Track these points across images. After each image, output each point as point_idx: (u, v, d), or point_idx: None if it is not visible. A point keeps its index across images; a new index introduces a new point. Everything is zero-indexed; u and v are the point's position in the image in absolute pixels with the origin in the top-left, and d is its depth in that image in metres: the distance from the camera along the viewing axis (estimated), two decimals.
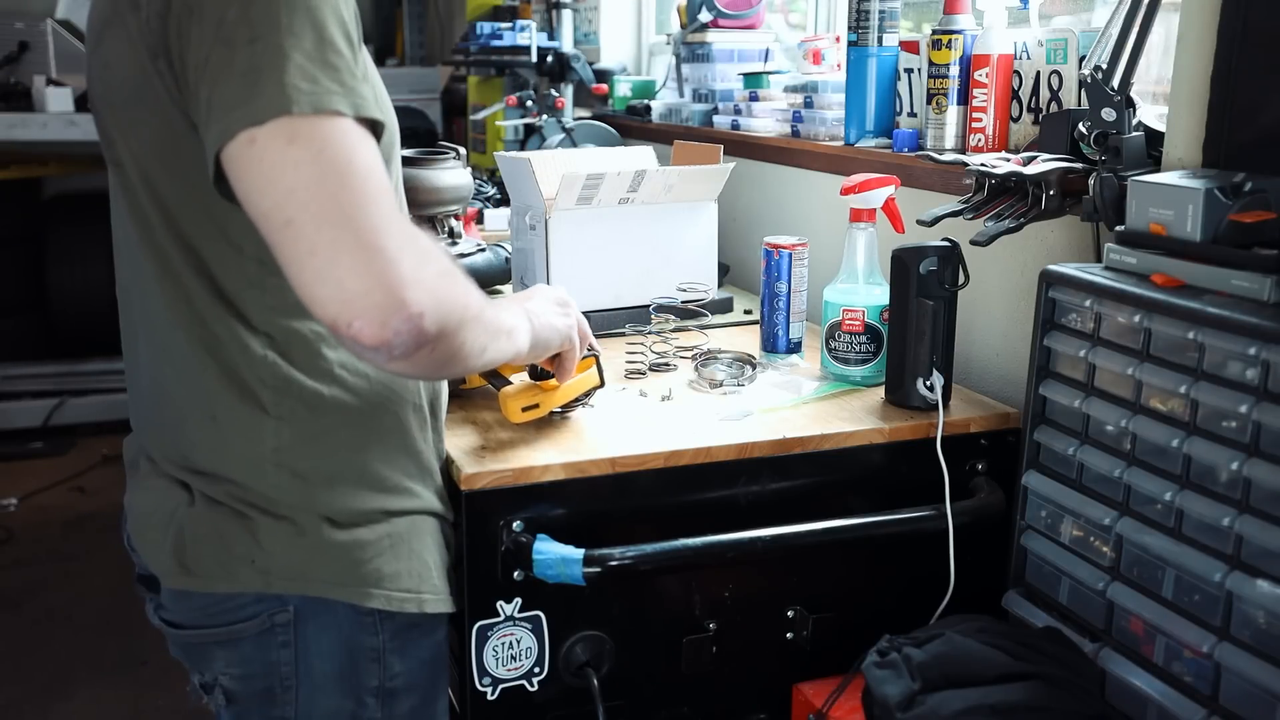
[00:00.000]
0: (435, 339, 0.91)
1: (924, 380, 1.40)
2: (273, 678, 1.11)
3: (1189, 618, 1.10)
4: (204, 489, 1.09)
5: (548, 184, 1.74)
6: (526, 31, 2.81)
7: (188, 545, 1.09)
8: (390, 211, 0.91)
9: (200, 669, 1.14)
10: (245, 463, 1.07)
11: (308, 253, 0.88)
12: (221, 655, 1.11)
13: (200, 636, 1.12)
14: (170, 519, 1.10)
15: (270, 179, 0.90)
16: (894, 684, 1.14)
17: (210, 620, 1.10)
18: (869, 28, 1.73)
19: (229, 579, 1.08)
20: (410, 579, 1.12)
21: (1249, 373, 1.03)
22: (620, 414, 1.42)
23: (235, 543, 1.07)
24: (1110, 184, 1.26)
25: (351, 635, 1.11)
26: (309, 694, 1.12)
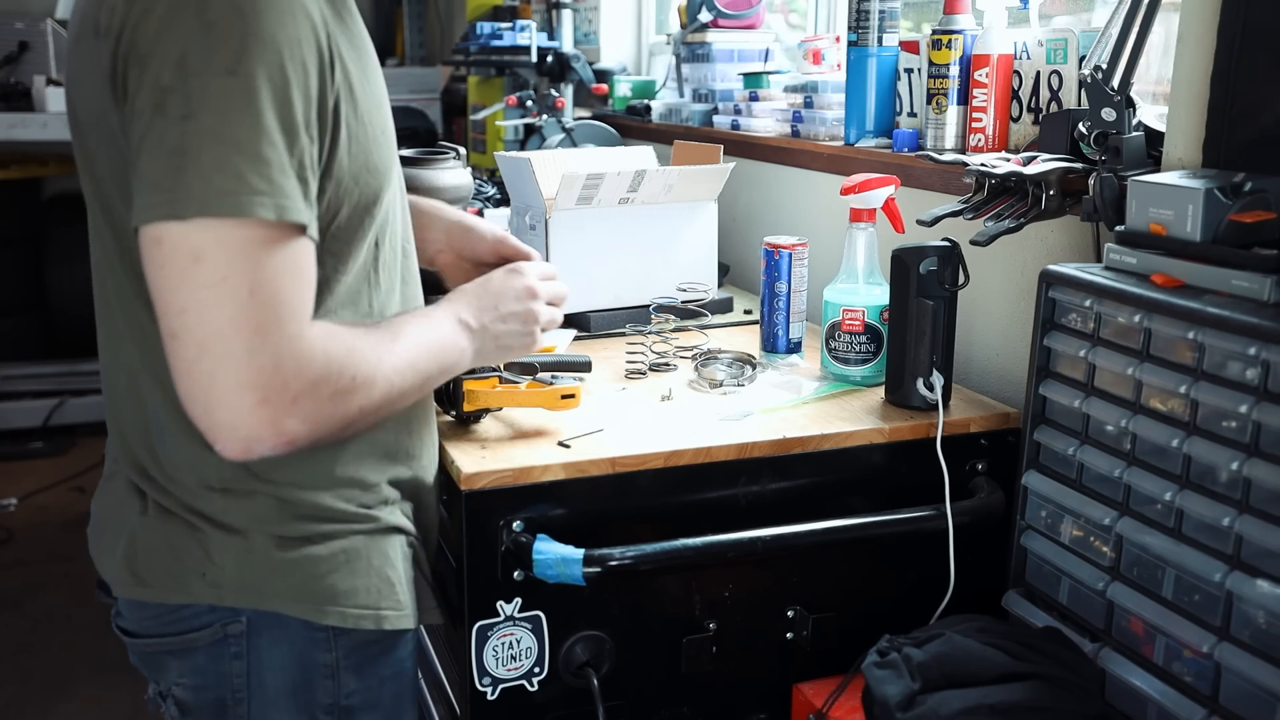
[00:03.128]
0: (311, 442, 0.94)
1: (924, 380, 1.40)
2: (225, 689, 1.09)
3: (1189, 618, 1.10)
4: (159, 499, 1.07)
5: (548, 184, 1.74)
6: (526, 31, 2.81)
7: (139, 555, 1.07)
8: (286, 340, 0.90)
9: (155, 678, 1.13)
10: (199, 478, 1.05)
11: (185, 373, 0.90)
12: (175, 665, 1.09)
13: (154, 645, 1.10)
14: (123, 526, 1.09)
15: (166, 289, 0.89)
16: (894, 684, 1.14)
17: (163, 629, 1.08)
18: (869, 28, 1.73)
19: (181, 590, 1.06)
20: (368, 595, 1.10)
21: (1249, 373, 1.03)
22: (620, 414, 1.42)
23: (186, 555, 1.06)
24: (1110, 184, 1.26)
25: (304, 650, 1.08)
26: (260, 708, 1.09)
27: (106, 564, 1.12)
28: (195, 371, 0.89)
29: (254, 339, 0.89)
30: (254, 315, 0.89)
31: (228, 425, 0.90)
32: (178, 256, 0.88)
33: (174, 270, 0.88)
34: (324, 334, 0.95)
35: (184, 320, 0.89)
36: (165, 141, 0.88)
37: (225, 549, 1.05)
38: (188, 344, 0.89)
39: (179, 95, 0.88)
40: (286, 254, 0.91)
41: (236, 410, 0.89)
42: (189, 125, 0.88)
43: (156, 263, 0.89)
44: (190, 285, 0.88)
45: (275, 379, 0.90)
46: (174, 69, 0.88)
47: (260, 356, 0.89)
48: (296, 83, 0.91)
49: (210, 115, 0.88)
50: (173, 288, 0.88)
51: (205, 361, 0.89)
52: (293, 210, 0.91)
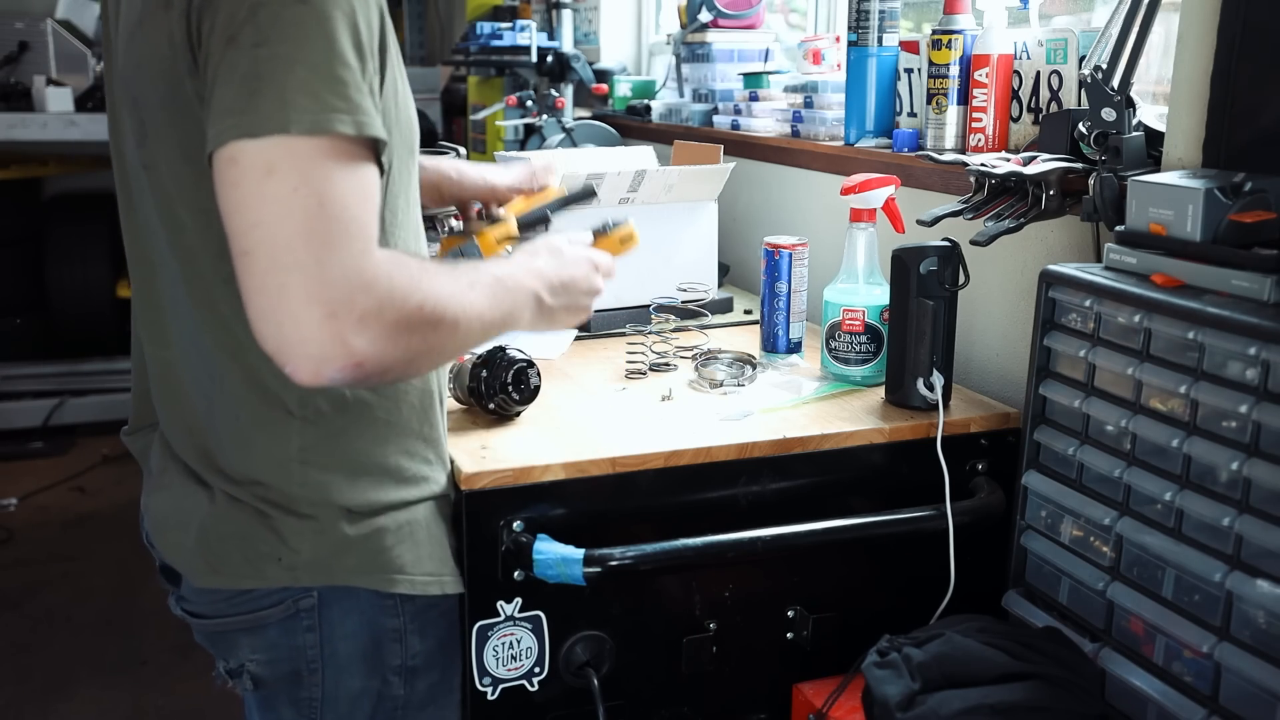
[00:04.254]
0: (379, 370, 0.92)
1: (924, 380, 1.40)
2: (299, 661, 1.13)
3: (1189, 618, 1.10)
4: (226, 489, 1.10)
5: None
6: (526, 31, 2.81)
7: (213, 545, 1.10)
8: (354, 256, 0.90)
9: (226, 656, 1.16)
10: (270, 463, 1.08)
11: (257, 289, 0.89)
12: (247, 642, 1.14)
13: (225, 625, 1.14)
14: (191, 519, 1.12)
15: (240, 205, 0.89)
16: (894, 684, 1.14)
17: (235, 610, 1.13)
18: (869, 28, 1.73)
19: (257, 576, 1.10)
20: (431, 563, 1.16)
21: (1249, 373, 1.03)
22: (620, 414, 1.42)
23: (260, 541, 1.09)
24: (1110, 184, 1.26)
25: (374, 617, 1.14)
26: (334, 675, 1.14)
27: (177, 556, 1.15)
28: (267, 285, 0.89)
29: (323, 251, 0.88)
30: (324, 227, 0.89)
31: (297, 341, 0.89)
32: (252, 172, 0.88)
33: (248, 186, 0.89)
34: (390, 259, 0.94)
35: (257, 234, 0.88)
36: (237, 69, 0.89)
37: (299, 533, 1.09)
38: (259, 258, 0.89)
39: (250, 26, 0.89)
40: (358, 174, 0.92)
41: (305, 324, 0.88)
42: (261, 52, 0.89)
43: (230, 181, 0.89)
44: (263, 198, 0.88)
45: (342, 293, 0.89)
46: (245, 5, 0.89)
47: (329, 269, 0.88)
48: (361, 13, 0.93)
49: (283, 41, 0.89)
50: (246, 202, 0.89)
51: (276, 274, 0.88)
52: (370, 125, 0.92)
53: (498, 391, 1.34)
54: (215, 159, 0.90)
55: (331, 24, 0.90)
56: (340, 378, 0.91)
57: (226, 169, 0.89)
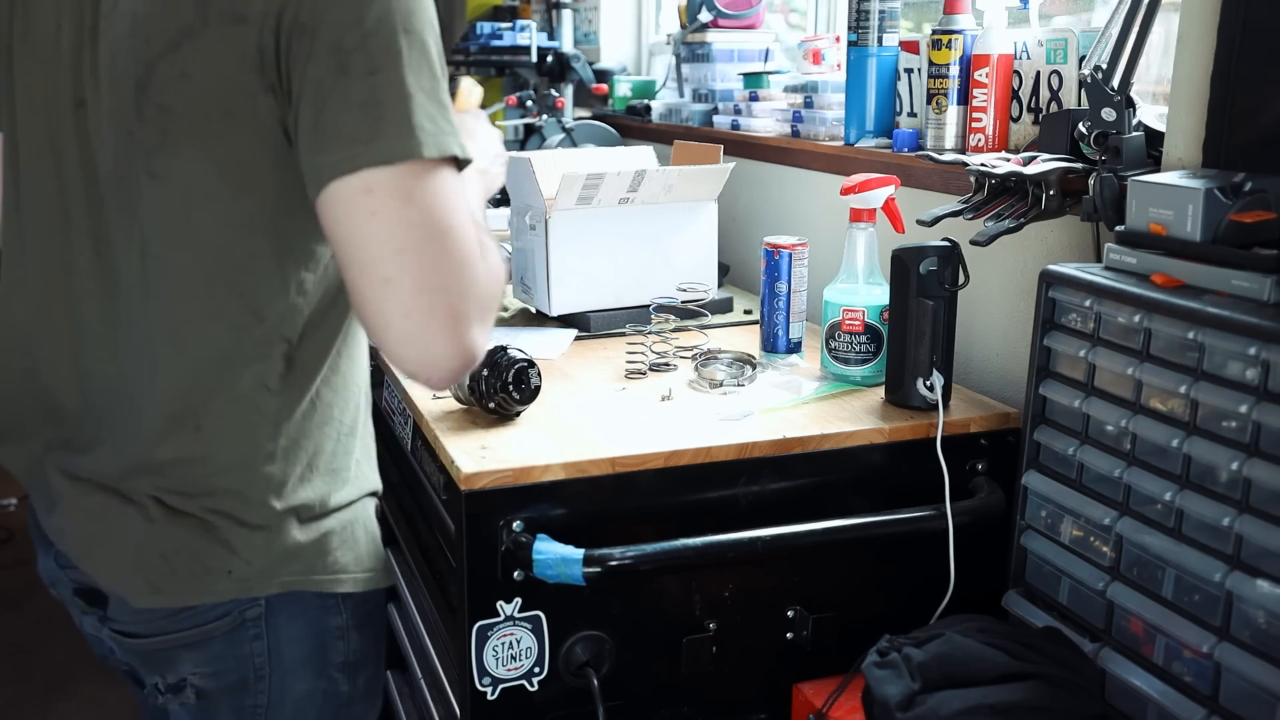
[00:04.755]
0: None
1: (924, 380, 1.40)
2: (246, 669, 1.12)
3: (1189, 618, 1.10)
4: (171, 502, 1.06)
5: (548, 184, 1.74)
6: (526, 31, 2.81)
7: (154, 563, 1.07)
8: (475, 270, 0.95)
9: (163, 673, 1.13)
10: (233, 471, 1.06)
11: (402, 314, 0.92)
12: (190, 656, 1.11)
13: (165, 642, 1.11)
14: (125, 538, 1.08)
15: (380, 234, 0.91)
16: (894, 684, 1.14)
17: (177, 626, 1.09)
18: (869, 28, 1.73)
19: (205, 592, 1.07)
20: (370, 559, 1.16)
21: (1249, 373, 1.03)
22: (620, 414, 1.42)
23: (209, 556, 1.06)
24: (1110, 184, 1.26)
25: (319, 618, 1.13)
26: (281, 679, 1.13)
27: (110, 578, 1.11)
28: (415, 308, 0.92)
29: (461, 271, 0.93)
30: (458, 249, 0.93)
31: (446, 356, 0.93)
32: (391, 200, 0.91)
33: (388, 213, 0.91)
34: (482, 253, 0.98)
35: (401, 260, 0.91)
36: (351, 97, 0.91)
37: (250, 543, 1.07)
38: (404, 285, 0.91)
39: (361, 54, 0.91)
40: (464, 190, 0.97)
41: (455, 340, 0.93)
42: (377, 79, 0.92)
43: (364, 211, 0.91)
44: (406, 225, 0.91)
45: (479, 308, 0.95)
46: (353, 33, 0.91)
47: (469, 287, 0.93)
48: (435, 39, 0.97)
49: (399, 69, 0.92)
50: (386, 232, 0.91)
51: (424, 296, 0.92)
52: (469, 149, 0.97)
53: (498, 390, 1.34)
54: (336, 189, 0.92)
55: (430, 52, 0.95)
56: (463, 375, 0.97)
57: (358, 199, 0.91)
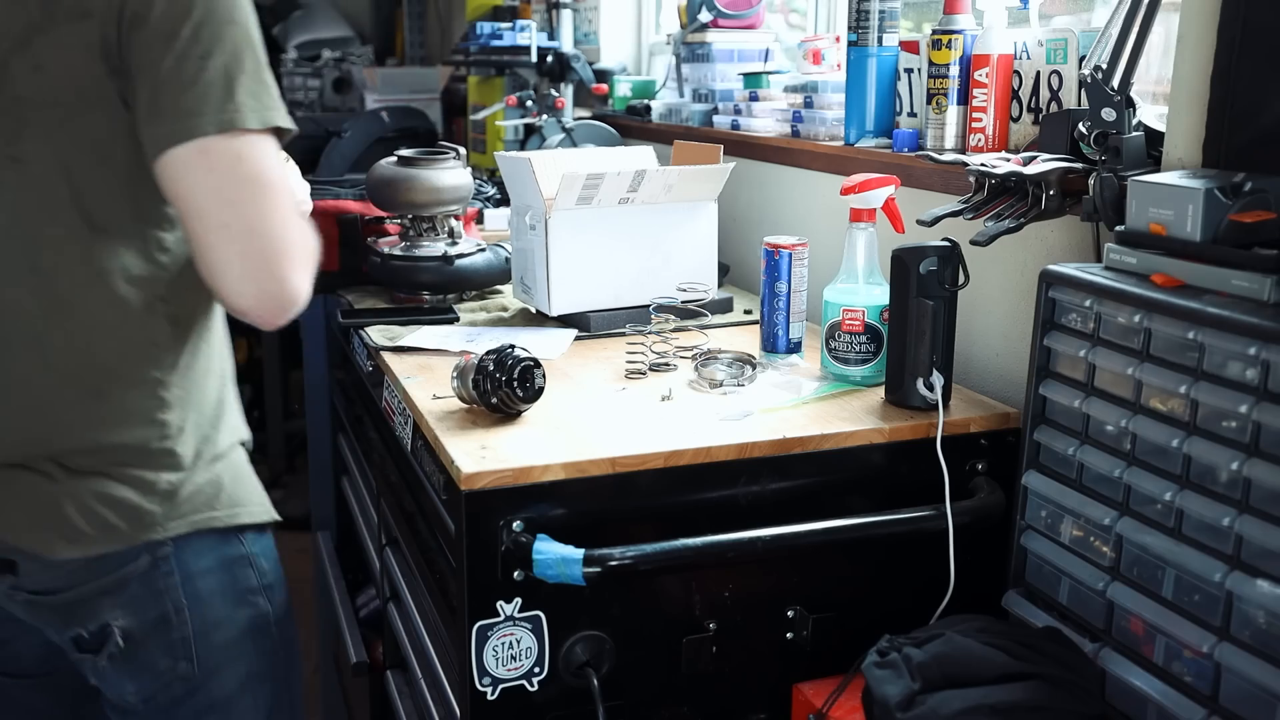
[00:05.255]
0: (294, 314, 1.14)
1: (924, 380, 1.40)
2: (164, 605, 1.22)
3: (1189, 618, 1.10)
4: (71, 463, 1.16)
5: (548, 184, 1.74)
6: (526, 31, 2.81)
7: (67, 517, 1.16)
8: (296, 220, 1.14)
9: (84, 624, 1.21)
10: (135, 422, 1.18)
11: (239, 254, 1.09)
12: (109, 602, 1.20)
13: (84, 592, 1.19)
14: (33, 499, 1.17)
15: (215, 187, 1.08)
16: (894, 684, 1.14)
17: (94, 575, 1.19)
18: (869, 28, 1.73)
19: (118, 539, 1.17)
20: (257, 494, 1.29)
21: (1249, 373, 1.03)
22: (620, 414, 1.42)
23: (117, 506, 1.17)
24: (1110, 184, 1.26)
25: (223, 550, 1.25)
26: (200, 610, 1.24)
27: (19, 538, 1.18)
28: (248, 251, 1.09)
29: (287, 220, 1.11)
30: (284, 201, 1.12)
31: (274, 294, 1.11)
32: (222, 159, 1.08)
33: (221, 172, 1.08)
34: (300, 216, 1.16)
35: (234, 209, 1.09)
36: (184, 78, 1.07)
37: (154, 490, 1.19)
38: (237, 230, 1.09)
39: (195, 42, 1.08)
40: (280, 155, 1.15)
41: (284, 280, 1.11)
42: (209, 63, 1.08)
43: (201, 169, 1.08)
44: (237, 180, 1.09)
45: (303, 251, 1.13)
46: (186, 23, 1.08)
47: (292, 233, 1.12)
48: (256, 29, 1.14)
49: (225, 54, 1.09)
50: (220, 186, 1.08)
51: (255, 241, 1.09)
52: (287, 118, 1.14)
53: (502, 387, 1.34)
54: (176, 153, 1.08)
55: (254, 39, 1.12)
56: (291, 314, 1.13)
57: (195, 159, 1.08)
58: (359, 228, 2.12)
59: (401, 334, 1.77)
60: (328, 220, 2.12)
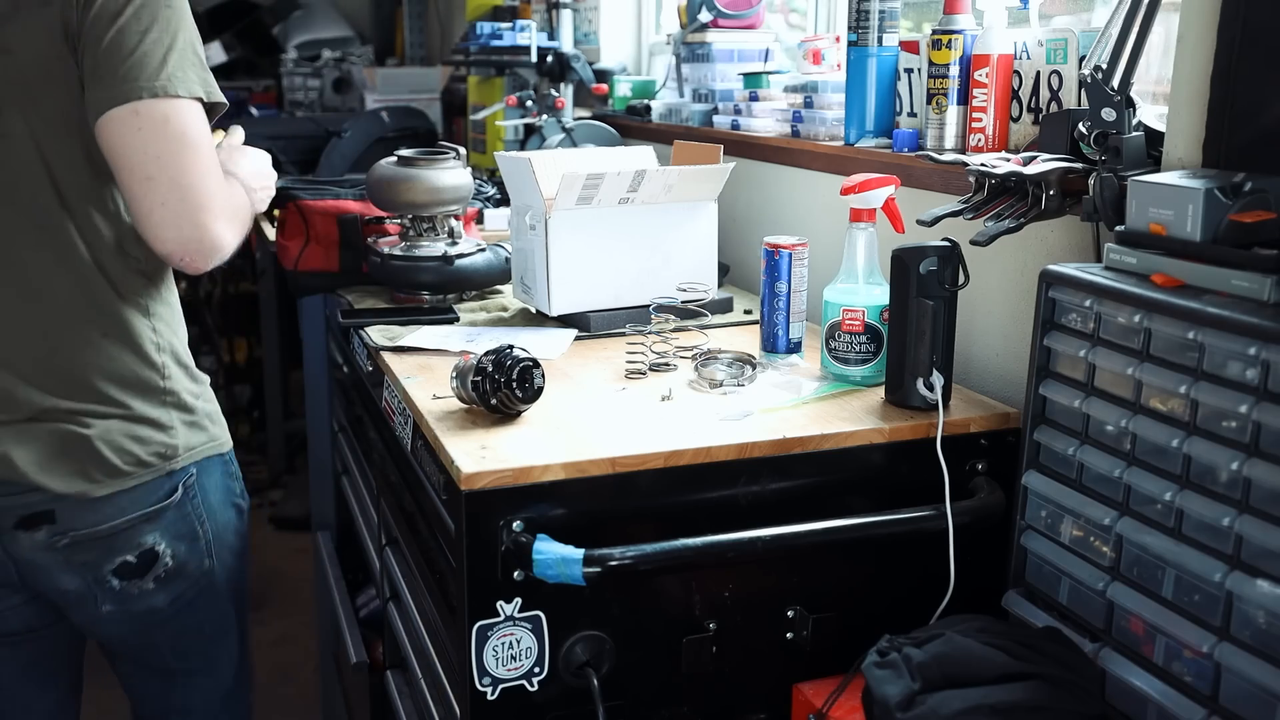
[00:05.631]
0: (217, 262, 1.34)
1: (924, 380, 1.40)
2: (193, 522, 1.50)
3: (1189, 618, 1.10)
4: (94, 411, 1.39)
5: (548, 184, 1.74)
6: (526, 31, 2.81)
7: (105, 458, 1.39)
8: (218, 178, 1.33)
9: (127, 550, 1.45)
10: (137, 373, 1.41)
11: (160, 203, 1.28)
12: (149, 527, 1.45)
13: (125, 524, 1.43)
14: (66, 447, 1.38)
15: (143, 143, 1.27)
16: (894, 684, 1.14)
17: (134, 506, 1.43)
18: (869, 28, 1.73)
19: (151, 470, 1.43)
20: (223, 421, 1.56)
21: (1249, 373, 1.03)
22: (620, 414, 1.42)
23: (145, 442, 1.42)
24: (1110, 184, 1.26)
25: (220, 470, 1.54)
26: (213, 519, 1.53)
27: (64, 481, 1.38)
28: (169, 199, 1.28)
29: (207, 174, 1.31)
30: (206, 159, 1.31)
31: (197, 238, 1.30)
32: (151, 120, 1.27)
33: (149, 130, 1.27)
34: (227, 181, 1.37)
35: (159, 163, 1.27)
36: (125, 48, 1.27)
37: (171, 427, 1.45)
38: (162, 182, 1.27)
39: (135, 20, 1.28)
40: (206, 123, 1.33)
41: (204, 228, 1.30)
42: (147, 37, 1.28)
43: (132, 128, 1.27)
44: (163, 138, 1.28)
45: (222, 203, 1.32)
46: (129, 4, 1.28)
47: (212, 187, 1.31)
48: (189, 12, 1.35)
49: (162, 31, 1.29)
50: (148, 142, 1.27)
51: (176, 190, 1.28)
52: (217, 94, 1.35)
53: (501, 388, 1.34)
54: (113, 114, 1.27)
55: (188, 20, 1.33)
56: (214, 261, 1.33)
57: (128, 119, 1.27)
58: (359, 228, 2.12)
59: (401, 334, 1.77)
60: (328, 220, 2.12)
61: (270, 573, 3.47)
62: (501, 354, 1.36)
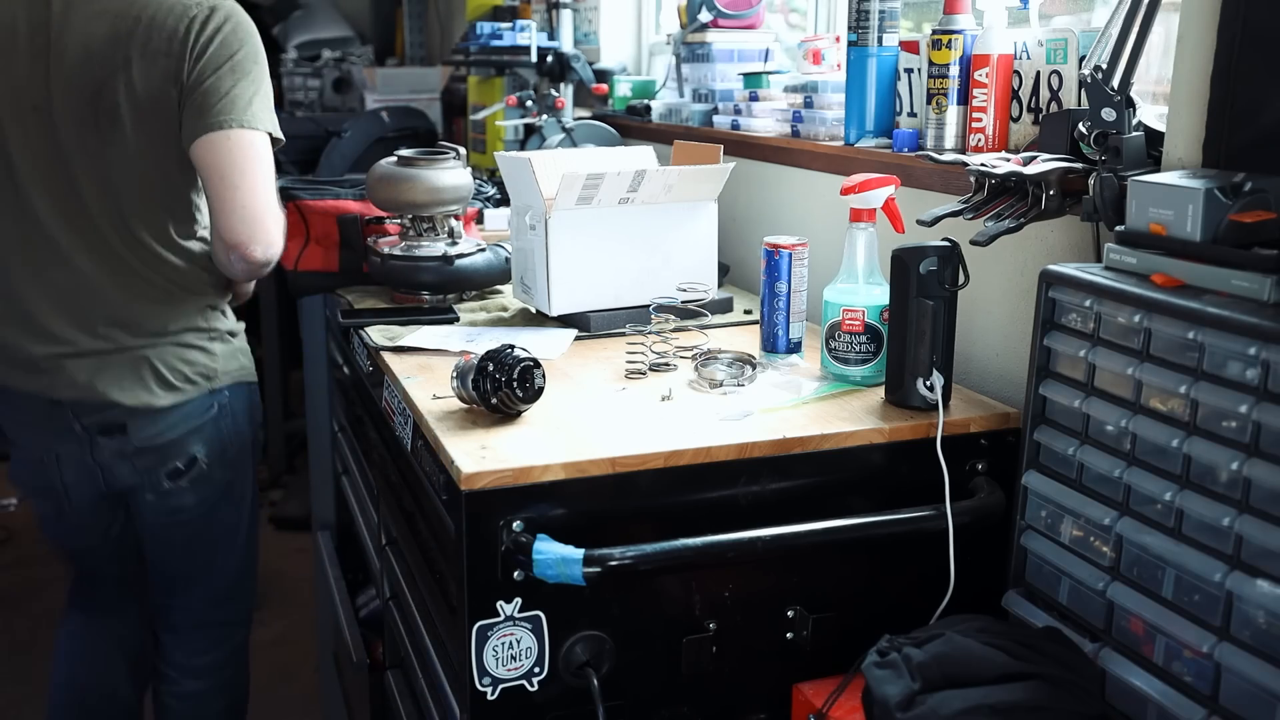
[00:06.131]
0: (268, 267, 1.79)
1: (924, 380, 1.40)
2: (226, 437, 1.93)
3: (1189, 618, 1.10)
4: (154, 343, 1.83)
5: (548, 184, 1.74)
6: (526, 31, 2.81)
7: (161, 375, 1.83)
8: (275, 196, 1.78)
9: (177, 459, 1.89)
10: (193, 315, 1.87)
11: (242, 205, 1.72)
12: (195, 439, 1.89)
13: (179, 432, 1.87)
14: (133, 370, 1.82)
15: (232, 161, 1.72)
16: (894, 684, 1.14)
17: (186, 421, 1.87)
18: (869, 28, 1.73)
19: (196, 388, 1.87)
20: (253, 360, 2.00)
21: (1249, 373, 1.03)
22: (620, 414, 1.42)
23: (194, 367, 1.86)
24: (1110, 184, 1.26)
25: (249, 395, 1.98)
26: (238, 434, 1.95)
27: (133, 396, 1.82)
28: (248, 204, 1.72)
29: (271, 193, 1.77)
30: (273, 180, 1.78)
31: (263, 236, 1.74)
32: (242, 144, 1.73)
33: (239, 151, 1.73)
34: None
35: (244, 178, 1.72)
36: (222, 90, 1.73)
37: (214, 355, 1.89)
38: (245, 191, 1.72)
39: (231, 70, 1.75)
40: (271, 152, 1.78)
41: (272, 232, 1.75)
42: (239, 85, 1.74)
43: (226, 146, 1.72)
44: (246, 158, 1.73)
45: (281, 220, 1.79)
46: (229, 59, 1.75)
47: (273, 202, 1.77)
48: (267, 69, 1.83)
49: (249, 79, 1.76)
50: (239, 160, 1.72)
51: (253, 197, 1.73)
52: (279, 132, 1.80)
53: (502, 388, 1.34)
54: (211, 135, 1.72)
55: (266, 70, 1.80)
56: (267, 261, 1.76)
57: (222, 140, 1.72)
58: (359, 228, 2.12)
59: (401, 334, 1.77)
60: (328, 220, 2.12)
61: (270, 573, 3.46)
62: (502, 354, 1.36)
